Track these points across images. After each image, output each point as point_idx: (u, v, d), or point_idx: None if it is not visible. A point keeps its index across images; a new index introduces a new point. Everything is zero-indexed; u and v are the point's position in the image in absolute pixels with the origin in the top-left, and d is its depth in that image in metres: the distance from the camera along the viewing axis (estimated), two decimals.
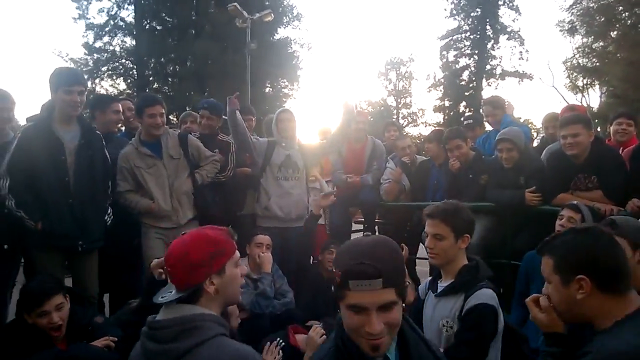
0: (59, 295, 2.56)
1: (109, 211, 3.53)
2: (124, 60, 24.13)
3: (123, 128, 4.65)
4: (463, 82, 32.52)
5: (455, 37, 32.49)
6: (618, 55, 15.20)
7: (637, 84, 12.59)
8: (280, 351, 2.86)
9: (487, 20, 31.55)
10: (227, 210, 4.11)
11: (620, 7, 16.14)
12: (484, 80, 31.84)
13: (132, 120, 4.33)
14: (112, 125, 4.17)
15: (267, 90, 21.31)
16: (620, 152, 3.95)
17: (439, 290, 2.29)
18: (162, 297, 1.55)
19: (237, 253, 1.68)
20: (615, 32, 16.59)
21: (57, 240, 3.18)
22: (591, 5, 18.53)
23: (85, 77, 4.03)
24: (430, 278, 2.50)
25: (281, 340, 2.92)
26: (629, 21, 15.62)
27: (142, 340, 1.52)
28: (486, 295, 2.13)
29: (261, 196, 4.14)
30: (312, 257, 4.31)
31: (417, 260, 4.82)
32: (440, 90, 34.18)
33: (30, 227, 3.09)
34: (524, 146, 3.85)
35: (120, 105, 4.17)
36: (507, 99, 4.95)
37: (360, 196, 4.62)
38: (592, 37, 18.88)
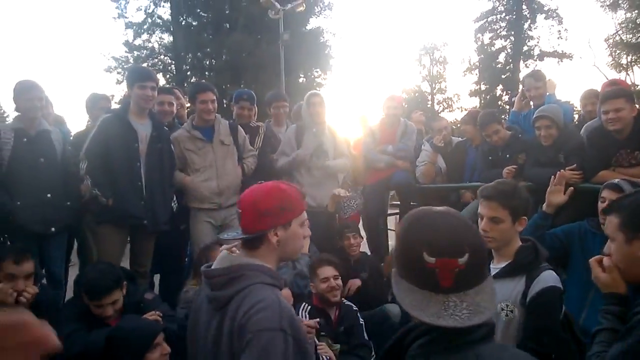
0: (116, 291, 2.70)
1: (174, 198, 3.88)
2: (162, 57, 24.79)
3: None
4: (499, 65, 31.67)
5: (490, 18, 31.64)
6: None
7: None
8: (307, 314, 3.12)
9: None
10: None
11: None
12: (521, 62, 30.92)
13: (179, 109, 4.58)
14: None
15: (300, 80, 21.44)
16: None
17: (492, 273, 2.14)
18: (227, 235, 1.68)
19: (305, 214, 1.73)
20: None
21: (124, 218, 3.50)
22: None
23: None
24: None
25: (307, 305, 3.22)
26: None
27: (203, 287, 1.65)
28: (552, 277, 2.05)
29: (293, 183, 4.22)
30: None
31: None
32: (476, 74, 33.44)
33: (103, 203, 3.40)
34: (563, 123, 3.78)
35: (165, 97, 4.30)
36: (548, 77, 4.82)
37: (394, 178, 4.64)
38: (637, 11, 18.08)
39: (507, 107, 27.87)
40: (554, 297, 2.01)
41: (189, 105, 4.67)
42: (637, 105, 3.51)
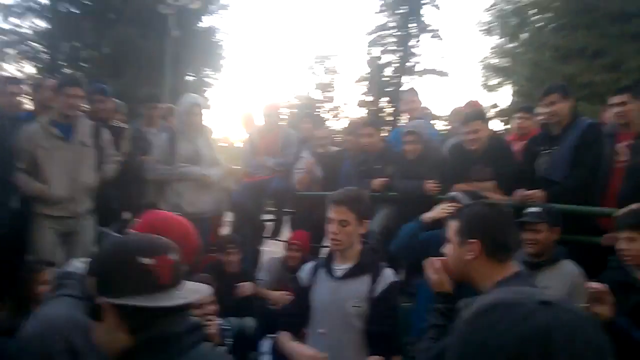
0: None
1: (14, 195, 3.48)
2: (34, 44, 22.41)
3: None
4: (386, 78, 33.40)
5: (381, 33, 33.27)
6: (526, 56, 16.28)
7: (541, 83, 13.55)
8: None
9: (412, 17, 32.56)
10: (127, 203, 3.99)
11: (531, 10, 17.33)
12: (405, 76, 32.90)
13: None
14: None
15: (189, 78, 20.73)
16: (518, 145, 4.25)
17: (339, 274, 2.37)
18: None
19: None
20: (524, 34, 17.75)
21: None
22: (507, 7, 19.74)
23: None
24: (314, 264, 2.58)
25: None
26: (538, 24, 16.77)
27: None
28: (391, 274, 2.39)
29: (168, 193, 4.03)
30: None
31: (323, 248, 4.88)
32: (365, 86, 34.91)
33: None
34: (428, 139, 4.04)
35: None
36: (428, 94, 5.15)
37: (272, 184, 4.62)
38: (506, 38, 20.11)
39: (391, 119, 29.39)
40: (396, 290, 2.40)
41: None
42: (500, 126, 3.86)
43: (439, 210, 3.26)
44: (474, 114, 3.84)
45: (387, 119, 30.03)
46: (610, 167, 3.55)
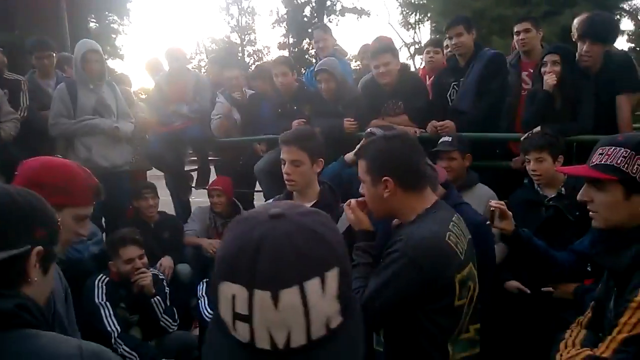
0: None
1: None
2: None
3: None
4: (305, 18, 32.68)
5: None
6: None
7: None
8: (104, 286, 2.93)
9: None
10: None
11: None
12: (325, 16, 32.36)
13: None
14: None
15: (92, 25, 19.05)
16: (429, 79, 4.36)
17: None
18: None
19: (87, 212, 1.56)
20: None
21: None
22: None
23: None
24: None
25: (104, 277, 2.98)
26: None
27: None
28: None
29: (77, 148, 3.80)
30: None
31: (255, 193, 4.88)
32: (284, 27, 34.00)
33: None
34: (342, 76, 4.02)
35: None
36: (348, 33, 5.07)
37: (188, 132, 4.45)
38: None
39: (314, 60, 29.04)
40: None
41: None
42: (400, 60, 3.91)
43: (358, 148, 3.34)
44: (383, 47, 3.85)
45: (312, 60, 29.67)
46: (516, 94, 3.76)
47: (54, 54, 4.29)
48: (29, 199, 1.07)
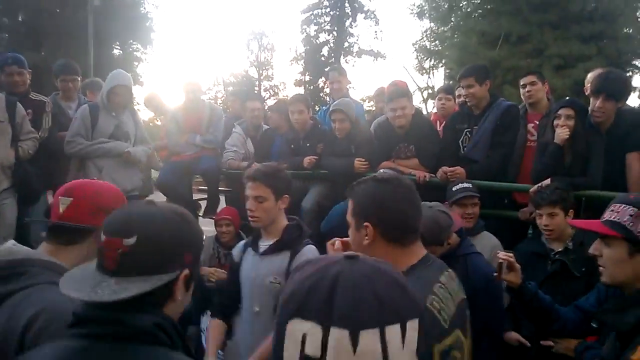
0: None
1: None
2: None
3: None
4: (323, 58, 33.43)
5: (316, 11, 33.12)
6: (455, 39, 16.82)
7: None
8: None
9: None
10: (47, 182, 3.79)
11: None
12: (342, 57, 33.08)
13: None
14: None
15: (115, 52, 19.62)
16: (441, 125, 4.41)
17: (262, 250, 2.39)
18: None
19: None
20: (454, 18, 18.30)
21: None
22: None
23: None
24: (244, 241, 2.61)
25: None
26: (467, 9, 17.33)
27: None
28: (312, 251, 2.35)
29: (89, 169, 3.87)
30: None
31: None
32: (302, 65, 34.76)
33: None
34: (355, 117, 4.11)
35: None
36: (364, 74, 5.19)
37: (200, 164, 4.52)
38: (438, 22, 20.65)
39: (328, 98, 29.51)
40: None
41: None
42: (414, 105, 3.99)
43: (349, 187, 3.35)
44: (400, 92, 3.93)
45: (326, 98, 30.18)
46: (522, 145, 3.80)
47: (79, 78, 4.42)
48: (181, 225, 1.11)
